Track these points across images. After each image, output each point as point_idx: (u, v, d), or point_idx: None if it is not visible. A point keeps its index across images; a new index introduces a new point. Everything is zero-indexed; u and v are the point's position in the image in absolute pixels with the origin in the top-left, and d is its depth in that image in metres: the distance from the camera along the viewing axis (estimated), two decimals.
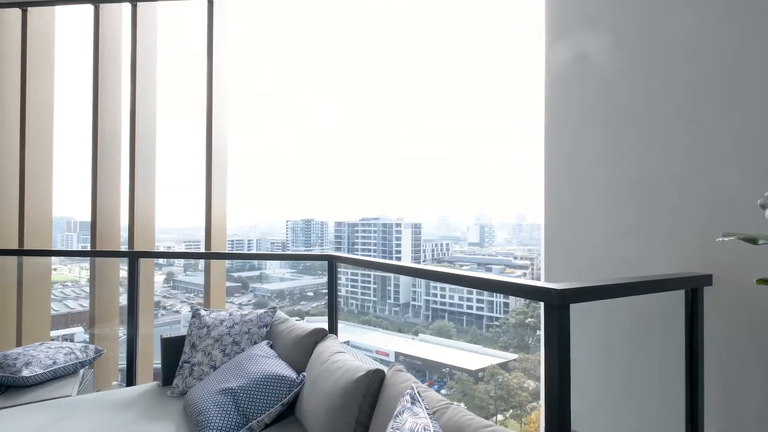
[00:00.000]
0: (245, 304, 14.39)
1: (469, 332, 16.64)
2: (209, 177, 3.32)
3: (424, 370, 14.32)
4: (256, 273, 14.82)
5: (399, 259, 16.36)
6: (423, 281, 17.40)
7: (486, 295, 16.67)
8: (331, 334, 2.06)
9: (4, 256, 3.46)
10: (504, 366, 13.35)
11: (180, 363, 2.21)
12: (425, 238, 17.73)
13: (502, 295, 16.48)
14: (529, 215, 19.66)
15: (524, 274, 16.03)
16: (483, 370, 13.29)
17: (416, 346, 14.46)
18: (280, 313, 2.42)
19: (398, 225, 16.69)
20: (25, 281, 3.35)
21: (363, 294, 16.76)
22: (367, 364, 1.64)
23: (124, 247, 3.44)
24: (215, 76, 3.38)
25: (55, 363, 2.36)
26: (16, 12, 3.54)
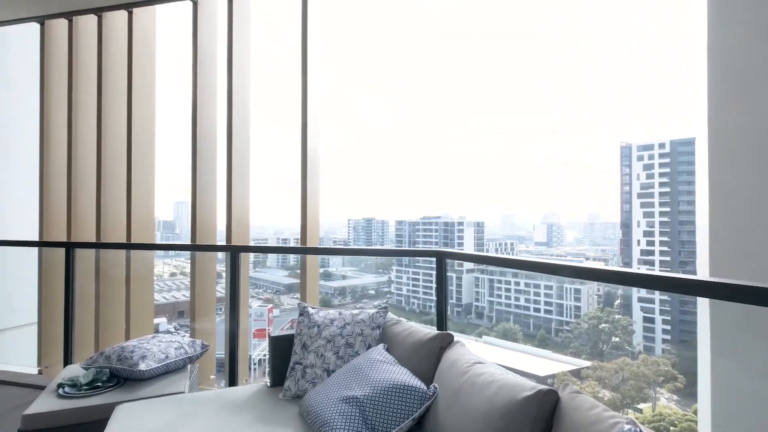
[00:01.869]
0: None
1: (537, 336, 15.85)
2: (305, 176, 3.24)
3: None
4: (320, 270, 14.97)
5: (461, 262, 15.85)
6: (486, 281, 16.80)
7: (555, 298, 15.84)
8: (458, 340, 1.86)
9: (115, 250, 3.59)
10: (576, 373, 12.60)
11: (291, 364, 2.10)
12: (488, 237, 17.11)
13: (573, 299, 15.57)
14: (602, 214, 18.32)
15: None
16: (553, 376, 12.62)
17: (480, 348, 13.99)
18: (391, 314, 2.24)
19: (460, 224, 16.27)
20: (132, 275, 3.46)
21: (425, 293, 16.49)
22: (527, 380, 1.41)
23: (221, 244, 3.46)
24: (309, 79, 3.29)
25: (167, 357, 2.35)
26: (122, 15, 3.67)
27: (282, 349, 2.23)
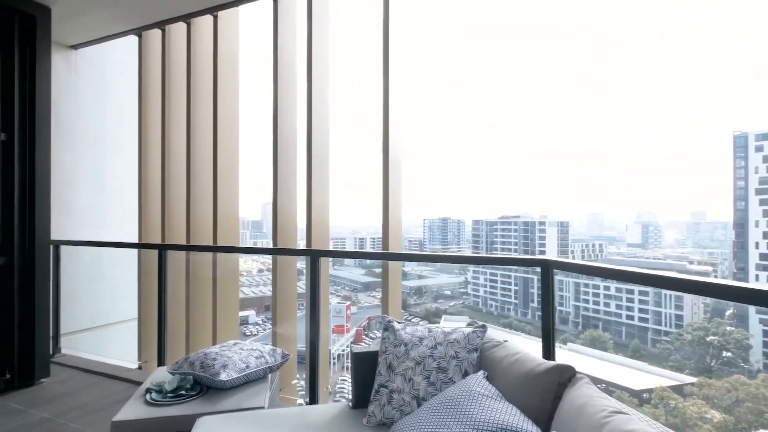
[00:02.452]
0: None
1: (630, 346, 14.34)
2: (386, 176, 3.01)
3: None
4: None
5: None
6: (572, 284, 15.59)
7: (651, 305, 14.23)
8: (582, 375, 1.48)
9: (203, 252, 3.65)
10: (678, 389, 11.16)
11: (375, 386, 1.85)
12: (573, 238, 15.86)
13: (674, 306, 13.88)
14: (709, 212, 16.14)
15: None
16: (649, 391, 11.28)
17: (565, 355, 12.89)
18: (492, 333, 1.91)
19: (542, 223, 15.20)
20: (219, 275, 3.48)
21: (503, 295, 15.66)
22: None
23: (302, 243, 3.35)
24: (390, 79, 3.06)
25: (248, 367, 2.24)
26: (208, 20, 3.72)
27: (365, 367, 2.00)
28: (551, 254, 14.12)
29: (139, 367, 3.69)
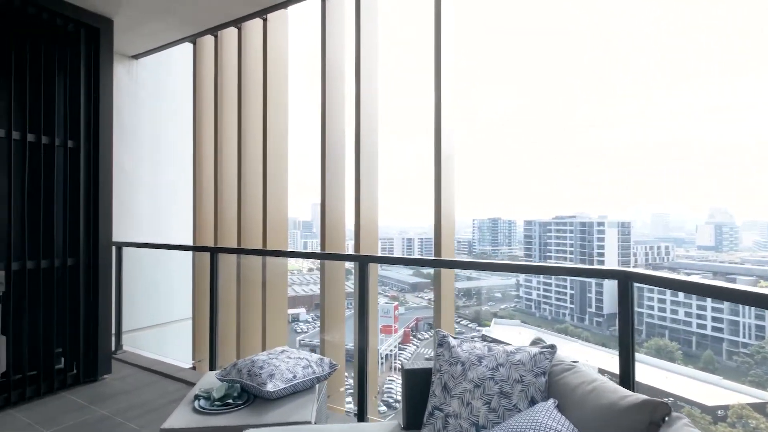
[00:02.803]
0: (434, 300, 14.27)
1: (702, 358, 13.17)
2: (438, 177, 2.84)
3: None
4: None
5: (602, 267, 13.98)
6: (634, 288, 14.51)
7: (727, 314, 12.99)
8: (680, 415, 1.22)
9: (253, 255, 3.65)
10: (759, 408, 10.12)
11: (429, 408, 1.68)
12: (636, 240, 14.82)
13: (754, 316, 12.61)
14: None
15: None
16: (725, 408, 10.34)
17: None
18: (561, 355, 1.68)
19: (600, 224, 14.30)
20: (268, 276, 3.47)
21: (558, 299, 14.90)
22: None
23: (350, 243, 3.25)
24: (443, 81, 2.88)
25: (294, 377, 2.15)
26: (258, 24, 3.71)
27: (417, 384, 1.83)
28: (611, 258, 13.24)
29: (193, 367, 3.75)
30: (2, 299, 2.88)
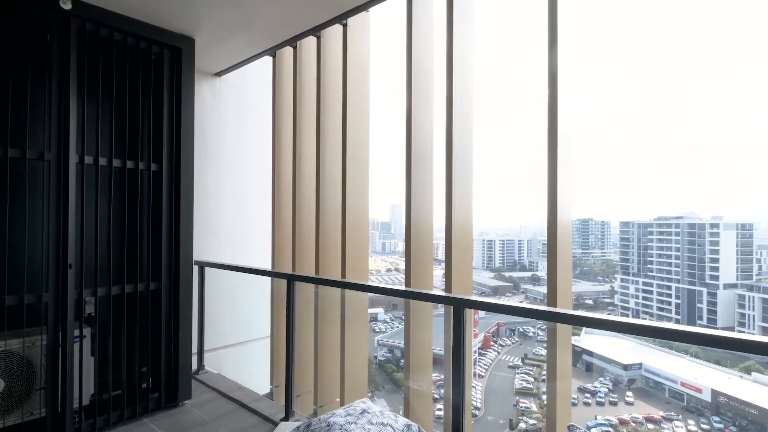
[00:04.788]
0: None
1: None
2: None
3: (761, 424, 9.77)
4: (528, 274, 13.31)
5: (716, 274, 11.84)
6: (757, 300, 12.24)
7: None
8: None
9: (332, 260, 3.24)
10: None
11: None
12: (760, 244, 12.34)
13: None
14: None
15: None
16: None
17: (749, 388, 9.95)
18: None
19: (714, 226, 12.06)
20: (347, 307, 3.03)
21: (660, 309, 12.98)
22: None
23: (438, 242, 2.71)
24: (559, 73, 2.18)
25: None
26: (337, 30, 3.27)
27: None
28: (728, 265, 11.02)
29: (271, 392, 3.45)
30: (91, 322, 2.78)
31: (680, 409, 10.23)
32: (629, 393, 10.49)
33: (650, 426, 9.97)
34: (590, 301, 12.36)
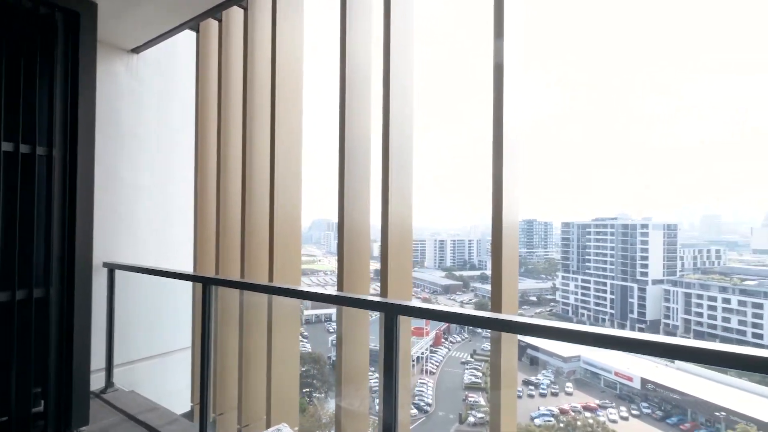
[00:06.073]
0: (466, 303, 13.16)
1: None
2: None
3: (683, 407, 10.24)
4: (477, 273, 13.34)
5: (645, 271, 12.39)
6: (680, 295, 12.93)
7: None
8: None
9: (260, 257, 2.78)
10: None
11: None
12: (683, 243, 13.05)
13: None
14: None
15: None
16: None
17: (672, 375, 10.45)
18: None
19: (644, 226, 12.67)
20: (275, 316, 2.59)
21: (597, 304, 13.44)
22: None
23: (375, 244, 2.36)
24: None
25: None
26: (266, 4, 2.83)
27: None
28: (656, 263, 11.59)
29: (192, 410, 2.95)
30: None
31: (614, 396, 10.57)
32: (569, 384, 10.73)
33: (587, 414, 10.23)
34: (534, 298, 12.59)
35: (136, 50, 3.42)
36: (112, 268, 3.06)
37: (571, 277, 12.46)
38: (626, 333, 1.32)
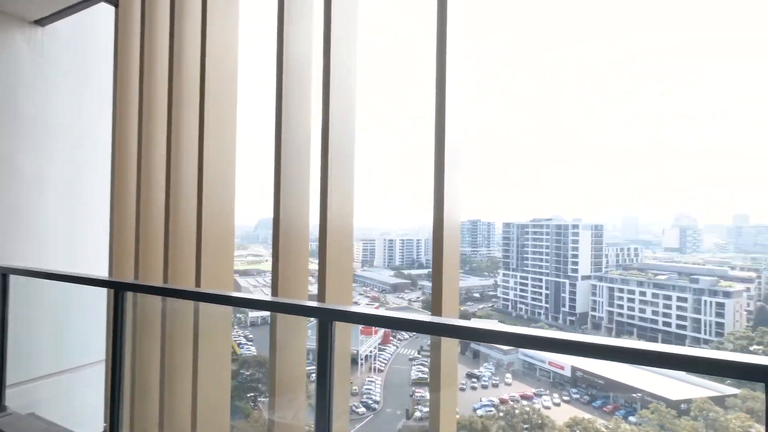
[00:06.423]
0: (414, 301, 13.27)
1: None
2: (440, 178, 1.79)
3: (607, 391, 11.08)
4: (425, 271, 13.53)
5: (576, 268, 13.23)
6: (605, 289, 13.87)
7: (690, 312, 12.36)
8: None
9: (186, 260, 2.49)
10: (719, 401, 9.59)
11: None
12: (608, 242, 14.08)
13: (714, 314, 12.01)
14: (752, 214, 13.99)
15: (747, 289, 11.31)
16: (688, 401, 9.77)
17: (598, 362, 11.12)
18: None
19: (575, 227, 13.54)
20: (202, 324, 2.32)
21: (534, 299, 14.13)
22: None
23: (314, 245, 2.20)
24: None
25: None
26: None
27: None
28: (585, 260, 12.47)
29: (104, 431, 2.58)
30: None
31: (548, 384, 11.20)
32: (508, 375, 11.21)
33: (524, 402, 10.74)
34: (477, 295, 13.05)
35: (41, 22, 2.95)
36: (5, 273, 2.60)
37: (511, 274, 13.05)
38: (552, 333, 1.29)
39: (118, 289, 2.14)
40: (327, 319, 1.59)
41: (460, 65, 1.95)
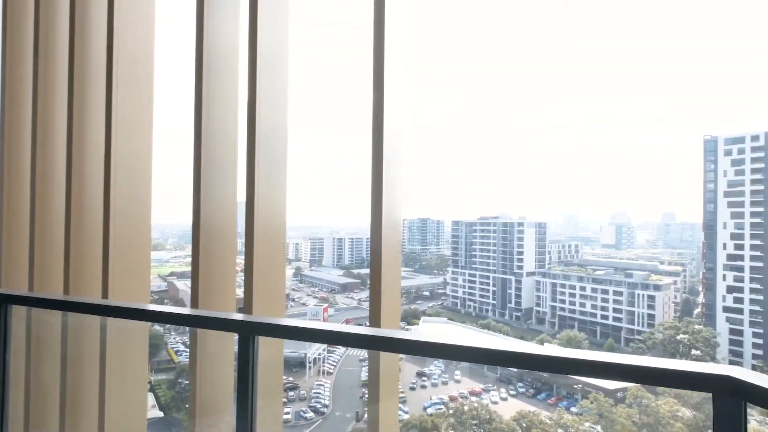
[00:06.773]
0: (364, 301, 13.19)
1: (604, 345, 13.51)
2: (378, 178, 1.71)
3: (550, 383, 11.72)
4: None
5: (521, 264, 13.86)
6: (548, 285, 14.56)
7: (625, 305, 13.37)
8: None
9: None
10: (651, 389, 10.54)
11: None
12: (551, 239, 14.88)
13: (646, 306, 13.09)
14: (679, 214, 15.34)
15: (674, 282, 12.44)
16: (624, 390, 10.65)
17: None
18: None
19: (520, 224, 14.18)
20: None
21: (482, 296, 14.57)
22: None
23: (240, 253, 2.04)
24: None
25: None
26: None
27: None
28: (530, 256, 13.11)
29: None
30: None
31: (495, 380, 11.63)
32: (457, 372, 11.50)
33: (473, 398, 11.07)
34: (427, 293, 13.25)
35: None
36: None
37: (460, 272, 13.40)
38: (491, 345, 1.24)
39: (1, 303, 1.84)
40: (248, 333, 1.45)
41: (399, 65, 1.89)
